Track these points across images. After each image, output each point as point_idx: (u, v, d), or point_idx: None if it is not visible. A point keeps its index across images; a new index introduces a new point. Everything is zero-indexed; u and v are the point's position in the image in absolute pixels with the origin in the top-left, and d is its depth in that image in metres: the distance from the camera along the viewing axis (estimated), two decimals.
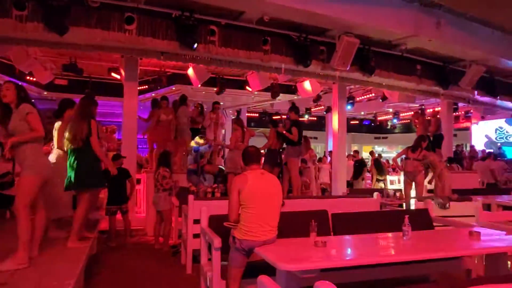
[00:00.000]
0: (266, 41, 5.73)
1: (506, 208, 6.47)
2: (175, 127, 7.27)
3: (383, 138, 21.85)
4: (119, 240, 5.75)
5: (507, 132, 15.19)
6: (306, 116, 13.76)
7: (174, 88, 9.49)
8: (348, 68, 5.98)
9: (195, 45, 5.12)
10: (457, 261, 3.89)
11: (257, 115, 15.33)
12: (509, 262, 3.77)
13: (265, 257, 2.56)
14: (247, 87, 9.09)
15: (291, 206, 4.62)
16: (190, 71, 7.88)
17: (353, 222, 3.92)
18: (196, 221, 4.11)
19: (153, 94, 9.68)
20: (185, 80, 8.46)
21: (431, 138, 9.15)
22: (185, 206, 4.63)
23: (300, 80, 9.23)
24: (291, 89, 10.02)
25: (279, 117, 10.61)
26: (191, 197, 4.44)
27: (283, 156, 6.62)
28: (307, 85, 9.06)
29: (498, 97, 8.64)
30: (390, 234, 3.40)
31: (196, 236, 4.14)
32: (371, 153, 12.85)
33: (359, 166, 10.90)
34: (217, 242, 3.09)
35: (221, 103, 11.13)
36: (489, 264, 3.56)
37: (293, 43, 5.87)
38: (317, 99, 10.70)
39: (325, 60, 6.13)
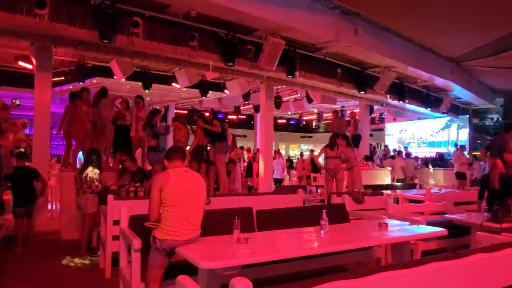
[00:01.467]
0: (193, 36, 5.63)
1: (412, 201, 7.21)
2: (96, 121, 6.83)
3: (308, 137, 22.90)
4: (27, 246, 5.24)
5: (413, 133, 16.95)
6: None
7: (95, 81, 8.89)
8: (274, 69, 6.15)
9: (114, 37, 4.82)
10: (369, 251, 4.23)
11: (186, 112, 15.06)
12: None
13: (186, 256, 2.52)
14: (174, 84, 8.87)
15: (217, 203, 4.63)
16: (113, 64, 7.45)
17: (276, 218, 4.04)
18: (116, 222, 3.92)
19: (70, 87, 8.96)
20: (108, 73, 7.98)
21: (350, 138, 9.83)
22: (104, 206, 4.38)
23: (228, 78, 9.26)
24: (220, 87, 10.01)
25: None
26: (110, 197, 4.20)
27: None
28: (235, 83, 9.13)
29: (407, 101, 9.57)
30: (309, 228, 3.57)
31: (116, 238, 3.95)
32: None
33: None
34: (136, 243, 2.96)
35: (148, 99, 10.75)
36: (395, 252, 3.93)
37: (221, 41, 5.85)
38: (246, 97, 10.84)
39: (252, 60, 6.22)
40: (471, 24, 6.23)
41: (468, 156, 11.87)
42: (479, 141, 15.59)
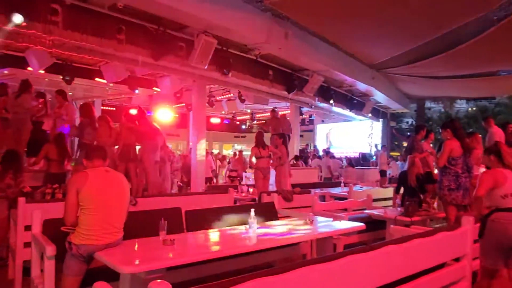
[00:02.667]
0: (120, 29, 5.35)
1: (337, 198, 7.63)
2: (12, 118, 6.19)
3: (242, 137, 23.11)
4: None
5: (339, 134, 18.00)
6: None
7: (6, 72, 8.02)
8: (206, 67, 6.09)
9: (30, 24, 4.40)
10: (295, 247, 4.39)
11: (114, 109, 14.25)
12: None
13: (105, 261, 2.38)
14: (98, 79, 8.35)
15: (145, 204, 4.46)
16: (29, 54, 6.77)
17: (206, 218, 4.01)
18: (28, 228, 3.58)
19: None
20: (23, 63, 7.23)
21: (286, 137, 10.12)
22: (14, 211, 3.97)
23: (160, 75, 8.97)
24: (150, 84, 9.64)
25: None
26: (21, 200, 3.83)
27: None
28: (167, 81, 8.86)
29: (333, 104, 10.12)
30: (238, 227, 3.60)
31: (27, 245, 3.60)
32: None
33: None
34: (50, 249, 2.72)
35: (70, 93, 9.97)
36: (319, 247, 4.12)
37: (150, 36, 5.64)
38: (178, 96, 10.58)
39: (183, 57, 6.09)
40: (389, 34, 6.78)
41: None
42: (396, 143, 17.08)
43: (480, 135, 6.28)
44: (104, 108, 13.19)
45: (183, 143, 18.30)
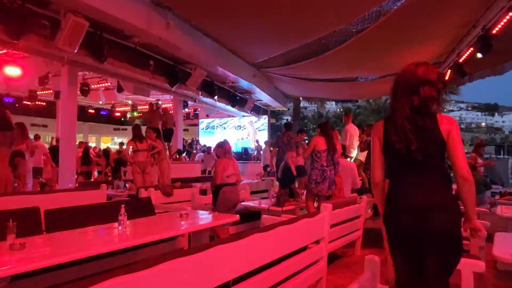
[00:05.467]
0: None
1: None
2: None
3: (122, 129, 21.74)
4: None
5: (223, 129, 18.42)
6: None
7: None
8: (76, 51, 5.50)
9: None
10: (172, 242, 4.32)
11: None
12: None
13: None
14: None
15: None
16: None
17: (71, 218, 3.64)
18: None
19: None
20: None
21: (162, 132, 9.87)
22: None
23: (21, 55, 7.77)
24: (7, 64, 8.27)
25: None
26: None
27: None
28: (28, 62, 7.74)
29: (216, 99, 10.26)
30: (107, 225, 3.37)
31: None
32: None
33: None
34: None
35: None
36: (195, 240, 4.15)
37: (4, 8, 4.81)
38: (43, 81, 9.33)
39: (48, 37, 5.38)
40: (267, 36, 7.18)
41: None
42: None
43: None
44: None
45: (52, 135, 16.34)
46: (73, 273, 2.95)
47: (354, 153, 8.02)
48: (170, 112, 11.61)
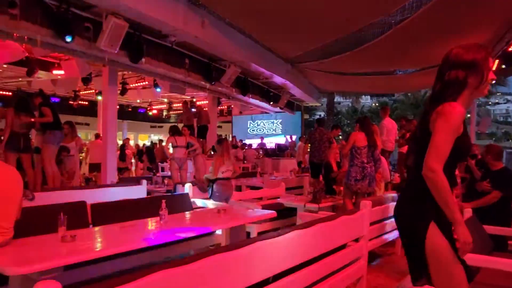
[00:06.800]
0: (13, 3, 4.70)
1: (253, 188, 7.82)
2: None
3: (159, 127, 22.33)
4: None
5: (258, 125, 18.48)
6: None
7: None
8: (116, 51, 5.70)
9: None
10: (210, 237, 4.39)
11: (10, 93, 12.63)
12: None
13: None
14: None
15: (44, 199, 4.06)
16: None
17: (114, 212, 3.79)
18: None
19: None
20: None
21: (196, 129, 10.07)
22: None
23: (65, 57, 8.16)
24: (53, 67, 8.73)
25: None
26: None
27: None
28: (72, 64, 8.11)
29: (250, 96, 10.29)
30: (149, 220, 3.48)
31: None
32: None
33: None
34: None
35: None
36: (232, 236, 4.19)
37: (51, 13, 5.08)
38: (86, 81, 9.76)
39: (91, 39, 5.61)
40: (302, 30, 7.09)
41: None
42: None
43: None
44: None
45: (93, 132, 17.09)
46: (117, 265, 3.08)
47: (392, 148, 7.78)
48: (205, 109, 11.79)
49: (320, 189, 5.28)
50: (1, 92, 12.22)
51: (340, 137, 7.53)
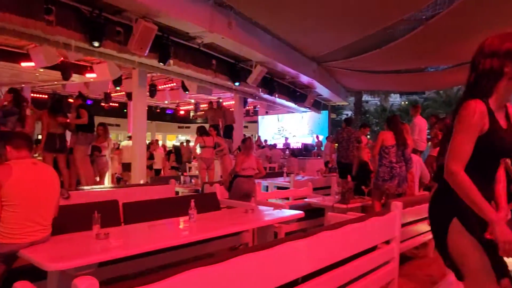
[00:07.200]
0: (49, 10, 4.92)
1: (279, 187, 7.80)
2: None
3: (186, 127, 22.70)
4: None
5: (284, 124, 18.41)
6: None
7: None
8: (146, 54, 5.84)
9: None
10: (237, 237, 4.42)
11: (46, 96, 13.21)
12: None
13: (29, 259, 2.21)
14: (23, 63, 7.69)
15: (78, 198, 4.21)
16: None
17: (144, 210, 3.87)
18: None
19: None
20: None
21: (222, 129, 10.16)
22: None
23: (97, 61, 8.45)
24: (86, 70, 9.06)
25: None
26: None
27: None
28: (104, 67, 8.39)
29: (276, 95, 10.27)
30: (178, 219, 3.54)
31: None
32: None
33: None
34: None
35: None
36: (260, 236, 4.19)
37: (84, 18, 5.27)
38: (117, 83, 10.07)
39: (122, 43, 5.78)
40: (329, 28, 7.00)
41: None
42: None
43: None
44: (35, 95, 12.20)
45: (124, 133, 17.58)
46: (150, 262, 3.15)
47: (424, 148, 7.53)
48: (231, 109, 11.87)
49: (348, 189, 5.19)
50: (38, 95, 12.80)
51: (368, 136, 7.37)
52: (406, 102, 28.59)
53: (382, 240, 3.19)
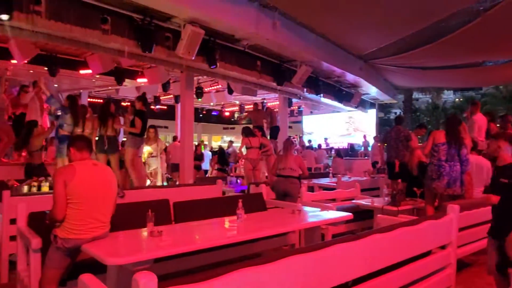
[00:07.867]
0: (105, 19, 5.24)
1: (325, 189, 7.69)
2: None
3: (231, 128, 23.06)
4: None
5: (329, 124, 18.11)
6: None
7: None
8: (193, 58, 6.01)
9: (11, 13, 4.29)
10: (284, 237, 4.42)
11: (101, 101, 14.06)
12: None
13: (92, 254, 2.37)
14: (82, 71, 8.24)
15: (132, 197, 4.44)
16: (12, 45, 6.62)
17: (194, 210, 4.00)
18: (14, 221, 3.54)
19: None
20: (6, 55, 7.08)
21: (269, 130, 10.19)
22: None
23: (147, 66, 8.86)
24: (137, 75, 9.52)
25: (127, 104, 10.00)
26: (6, 193, 3.77)
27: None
28: (154, 72, 8.77)
29: (322, 95, 10.12)
30: (226, 218, 3.61)
31: (13, 238, 3.56)
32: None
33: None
34: (35, 243, 2.70)
35: (56, 85, 9.81)
36: (307, 237, 4.16)
37: (136, 26, 5.54)
38: (166, 87, 10.48)
39: (170, 48, 6.00)
40: (376, 25, 6.78)
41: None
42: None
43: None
44: (91, 100, 13.02)
45: (172, 135, 18.23)
46: (200, 260, 3.25)
47: (483, 147, 7.04)
48: (275, 110, 11.88)
49: (400, 191, 5.00)
50: (94, 100, 13.65)
51: (419, 136, 7.04)
52: (461, 99, 26.93)
53: (437, 245, 3.04)
